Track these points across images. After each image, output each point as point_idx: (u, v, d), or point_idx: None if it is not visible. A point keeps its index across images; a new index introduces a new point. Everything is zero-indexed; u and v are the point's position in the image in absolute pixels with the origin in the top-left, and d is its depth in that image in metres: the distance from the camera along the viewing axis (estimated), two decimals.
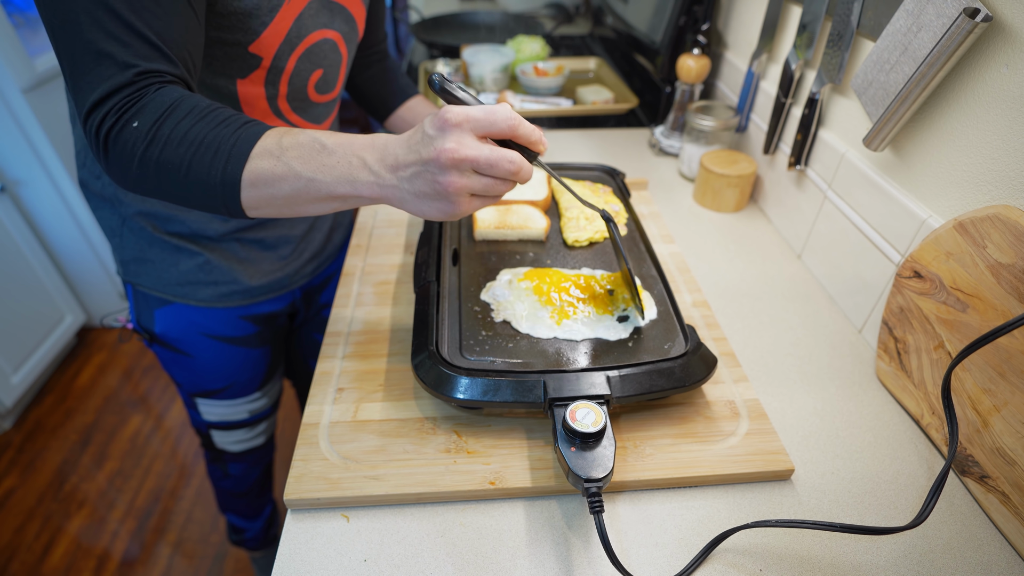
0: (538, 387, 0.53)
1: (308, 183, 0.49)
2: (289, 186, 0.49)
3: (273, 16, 0.63)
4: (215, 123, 0.49)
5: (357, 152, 0.48)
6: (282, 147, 0.49)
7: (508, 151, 0.46)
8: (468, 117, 0.45)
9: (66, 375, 1.98)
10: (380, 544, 0.49)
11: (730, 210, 0.95)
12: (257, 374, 0.97)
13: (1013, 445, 0.48)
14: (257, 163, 0.49)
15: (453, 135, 0.45)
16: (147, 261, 0.79)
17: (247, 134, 0.49)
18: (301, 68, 0.70)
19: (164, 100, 0.49)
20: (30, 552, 1.48)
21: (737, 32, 1.06)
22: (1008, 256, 0.48)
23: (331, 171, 0.48)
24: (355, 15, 0.75)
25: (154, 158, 0.49)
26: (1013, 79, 0.51)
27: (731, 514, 0.52)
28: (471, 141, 0.45)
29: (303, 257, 0.90)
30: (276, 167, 0.48)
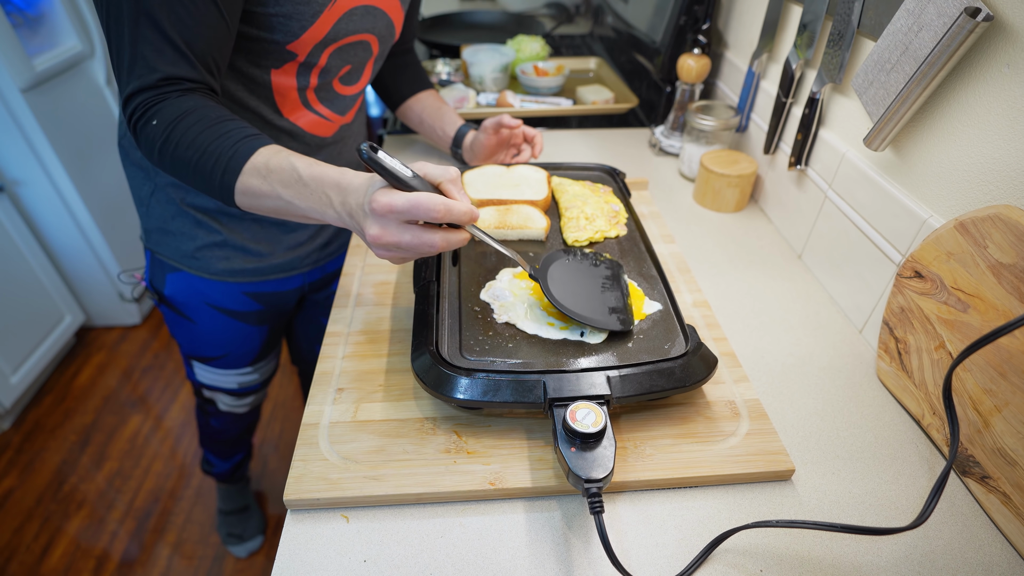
0: (538, 387, 0.53)
1: (288, 204, 0.55)
2: (272, 203, 0.56)
3: (314, 21, 0.67)
4: (218, 134, 0.56)
5: (325, 190, 0.53)
6: (268, 169, 0.55)
7: (429, 235, 0.51)
8: (392, 208, 0.48)
9: (65, 375, 1.98)
10: (380, 544, 0.49)
11: (730, 210, 0.95)
12: (251, 350, 1.03)
13: (1014, 445, 0.48)
14: (247, 179, 0.56)
15: (377, 222, 0.50)
16: (168, 232, 0.84)
17: (243, 149, 0.56)
18: (332, 64, 0.74)
19: (180, 106, 0.57)
20: (29, 552, 1.48)
21: (737, 32, 1.05)
22: (1009, 256, 0.48)
23: (305, 200, 0.54)
24: (394, 20, 0.79)
25: (169, 153, 0.58)
26: (1014, 79, 0.51)
27: (731, 514, 0.52)
28: (394, 228, 0.50)
29: (317, 242, 0.93)
30: (262, 185, 0.55)
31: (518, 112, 1.20)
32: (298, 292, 0.99)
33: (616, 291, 0.63)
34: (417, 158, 1.09)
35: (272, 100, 0.74)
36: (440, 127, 1.00)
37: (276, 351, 1.12)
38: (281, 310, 1.00)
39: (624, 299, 0.62)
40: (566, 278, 0.63)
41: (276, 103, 0.74)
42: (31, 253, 1.81)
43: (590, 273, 0.65)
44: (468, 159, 0.98)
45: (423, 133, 1.04)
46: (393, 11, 0.77)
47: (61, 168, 1.73)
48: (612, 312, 0.60)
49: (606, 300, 0.62)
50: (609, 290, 0.63)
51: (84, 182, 1.81)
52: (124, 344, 2.11)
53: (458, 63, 1.38)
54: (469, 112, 1.20)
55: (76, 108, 1.80)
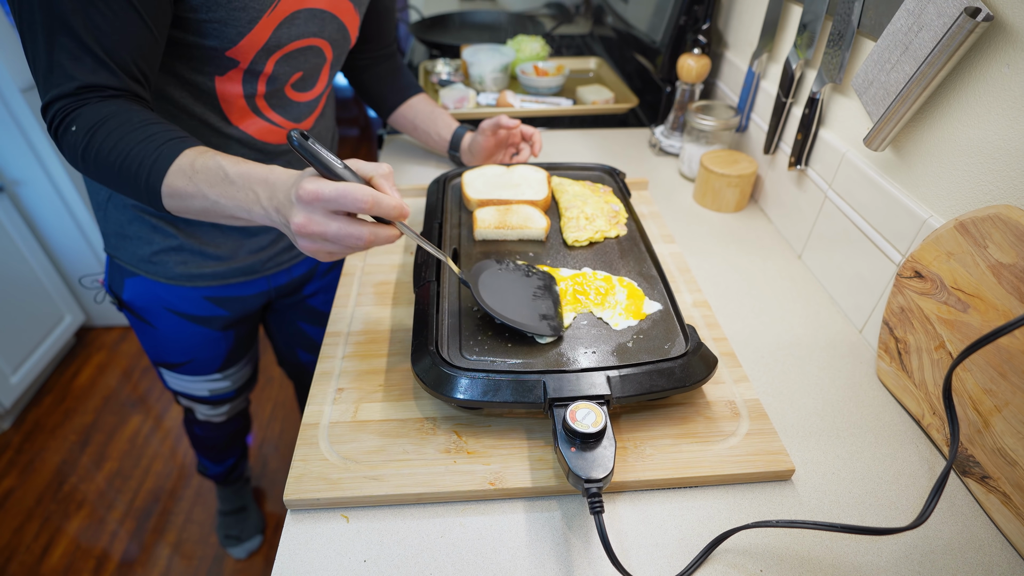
0: (538, 387, 0.53)
1: (214, 204, 0.54)
2: (199, 203, 0.55)
3: (252, 27, 0.65)
4: (142, 138, 0.55)
5: (253, 186, 0.52)
6: (194, 169, 0.54)
7: (356, 228, 0.49)
8: (319, 196, 0.47)
9: (65, 375, 1.98)
10: (380, 544, 0.49)
11: (730, 210, 0.95)
12: (217, 355, 1.00)
13: (1014, 445, 0.48)
14: (173, 180, 0.55)
15: (303, 211, 0.48)
16: (125, 236, 0.83)
17: (166, 152, 0.55)
18: (280, 71, 0.72)
19: (100, 112, 0.56)
20: (29, 552, 1.48)
21: (737, 32, 1.05)
22: (1009, 256, 0.48)
23: (232, 199, 0.53)
24: (347, 24, 0.77)
25: (91, 158, 0.56)
26: (1014, 79, 0.51)
27: (731, 514, 0.52)
28: (319, 217, 0.48)
29: (280, 244, 0.91)
30: (188, 186, 0.54)
31: (518, 112, 1.20)
32: (263, 296, 0.96)
33: (547, 299, 0.63)
34: (415, 161, 1.09)
35: (219, 107, 0.72)
36: (435, 131, 0.99)
37: (248, 358, 1.10)
38: (246, 315, 0.97)
39: (555, 307, 0.62)
40: (498, 285, 0.63)
41: (223, 110, 0.72)
42: (31, 253, 1.81)
43: (522, 283, 0.64)
44: (467, 161, 0.97)
45: (418, 139, 1.04)
46: (344, 13, 0.75)
47: (61, 168, 1.73)
48: (543, 319, 0.60)
49: (537, 307, 0.61)
50: (540, 298, 0.63)
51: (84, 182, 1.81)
52: (124, 344, 2.11)
53: (458, 63, 1.38)
54: (469, 112, 1.20)
55: None
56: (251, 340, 1.08)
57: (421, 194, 0.94)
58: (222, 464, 1.38)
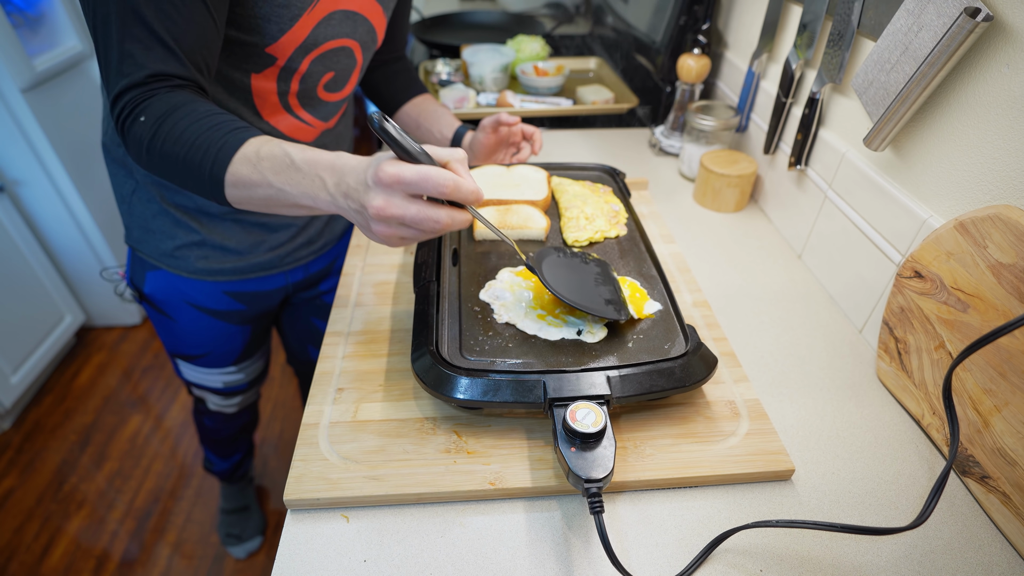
0: (538, 387, 0.53)
1: (279, 192, 0.53)
2: (263, 192, 0.54)
3: (293, 24, 0.66)
4: (208, 127, 0.55)
5: (319, 172, 0.52)
6: (259, 156, 0.53)
7: (434, 211, 0.49)
8: (400, 179, 0.47)
9: (65, 375, 1.98)
10: (380, 544, 0.49)
11: (730, 210, 0.95)
12: (234, 349, 1.02)
13: (1014, 445, 0.48)
14: (237, 168, 0.54)
15: (382, 194, 0.48)
16: (149, 230, 0.84)
17: (232, 140, 0.54)
18: (314, 70, 0.73)
19: (168, 101, 0.56)
20: (29, 552, 1.48)
21: (737, 32, 1.05)
22: (1009, 256, 0.48)
23: (297, 185, 0.52)
24: (376, 26, 0.78)
25: (157, 149, 0.56)
26: (1014, 79, 0.51)
27: (731, 514, 0.52)
28: (399, 200, 0.48)
29: (298, 241, 0.92)
30: (253, 174, 0.53)
31: (518, 112, 1.20)
32: (282, 292, 0.98)
33: (609, 285, 0.63)
34: None
35: (252, 103, 0.73)
36: (437, 129, 1.00)
37: (262, 352, 1.12)
38: (264, 310, 0.99)
39: (617, 293, 0.63)
40: (560, 272, 0.63)
41: (256, 106, 0.74)
42: (31, 253, 1.81)
43: (582, 269, 0.65)
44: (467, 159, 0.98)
45: (420, 137, 1.04)
46: (374, 17, 0.77)
47: (61, 168, 1.73)
48: (608, 303, 0.61)
49: (601, 292, 0.62)
50: (602, 284, 0.63)
51: (84, 182, 1.81)
52: (124, 344, 2.11)
53: (458, 63, 1.38)
54: (469, 112, 1.20)
55: (76, 108, 1.80)
56: (266, 334, 1.10)
57: None
58: (228, 460, 1.39)
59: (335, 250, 1.02)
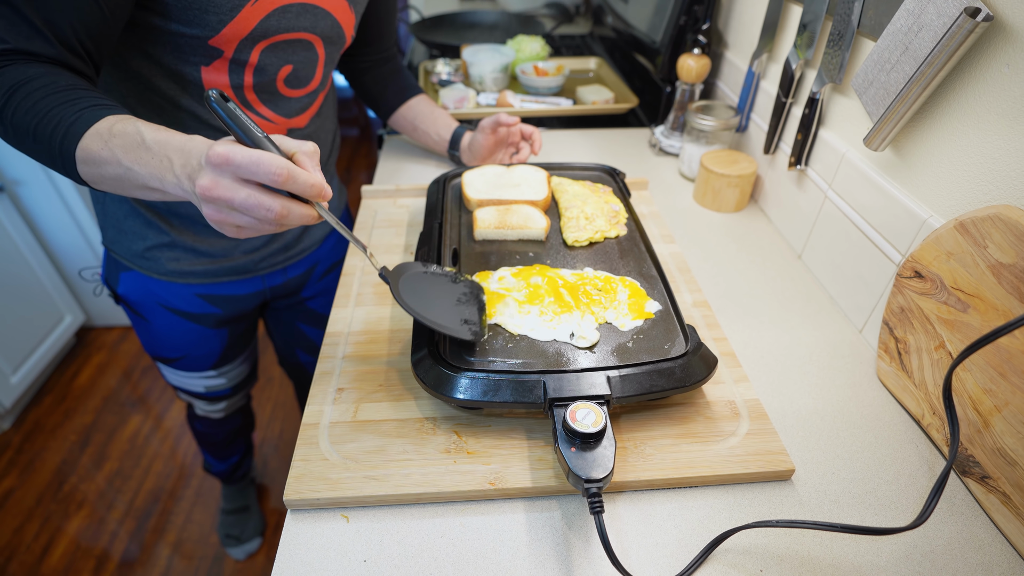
0: (538, 387, 0.53)
1: (127, 171, 0.50)
2: (113, 170, 0.51)
3: (234, 15, 0.64)
4: (64, 100, 0.52)
5: (168, 153, 0.48)
6: (112, 133, 0.51)
7: (267, 198, 0.45)
8: (229, 160, 0.43)
9: (65, 375, 1.98)
10: (380, 544, 0.49)
11: (730, 210, 0.95)
12: (211, 353, 1.00)
13: (1014, 445, 0.48)
14: (88, 143, 0.51)
15: (211, 173, 0.44)
16: (121, 231, 0.83)
17: (87, 116, 0.52)
18: (267, 62, 0.71)
19: (25, 72, 0.53)
20: (29, 552, 1.48)
21: (737, 32, 1.05)
22: (1009, 256, 0.48)
23: (145, 166, 0.49)
24: (341, 21, 0.76)
25: (8, 119, 0.53)
26: (1014, 79, 0.51)
27: (731, 514, 0.52)
28: (228, 182, 0.44)
29: (273, 246, 0.90)
30: (103, 151, 0.51)
31: (518, 112, 1.20)
32: (259, 296, 0.96)
33: (473, 306, 0.61)
34: (415, 161, 1.09)
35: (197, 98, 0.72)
36: (435, 131, 1.00)
37: (245, 357, 1.09)
38: (240, 313, 0.97)
39: (479, 314, 0.60)
40: (422, 288, 0.60)
41: None
42: (31, 253, 1.81)
43: (448, 288, 0.62)
44: (467, 160, 0.98)
45: (417, 139, 1.04)
46: (339, 12, 0.75)
47: None
48: (464, 323, 0.58)
49: (460, 312, 0.59)
50: (465, 304, 0.61)
51: None
52: (124, 344, 2.11)
53: (458, 63, 1.38)
54: (469, 112, 1.20)
55: None
56: (247, 339, 1.07)
57: (421, 194, 0.94)
58: (226, 461, 1.39)
59: (314, 256, 0.99)
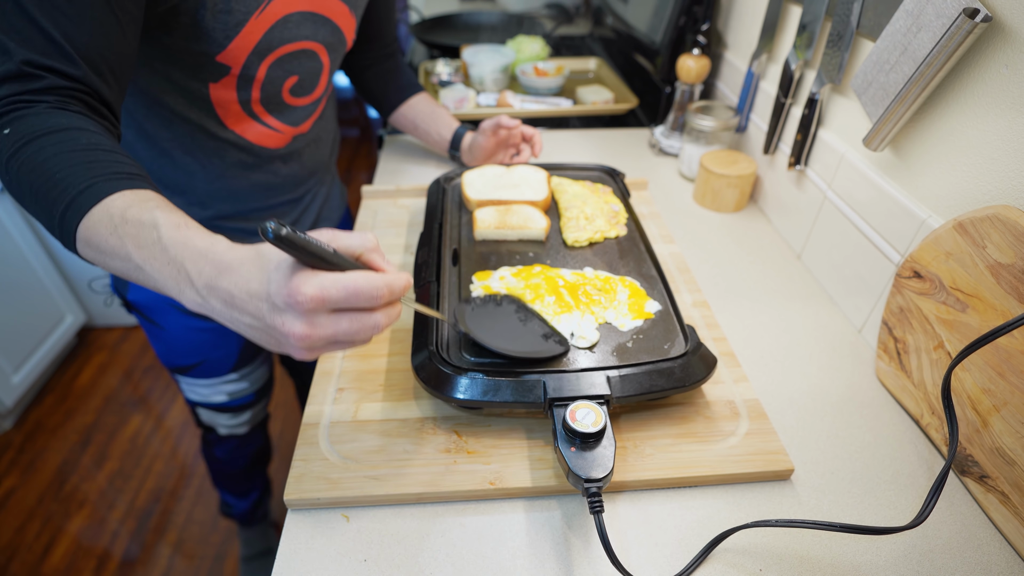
0: (538, 387, 0.53)
1: (137, 269, 0.43)
2: (120, 263, 0.44)
3: (239, 30, 0.63)
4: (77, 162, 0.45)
5: (189, 260, 0.41)
6: (124, 218, 0.43)
7: (369, 318, 0.40)
8: (325, 300, 0.37)
9: (66, 375, 1.98)
10: (380, 544, 0.49)
11: (730, 210, 0.95)
12: (230, 354, 0.97)
13: (1012, 445, 0.48)
14: (94, 223, 0.44)
15: (303, 319, 0.38)
16: None
17: (98, 187, 0.44)
18: (274, 75, 0.71)
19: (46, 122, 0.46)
20: (30, 552, 1.49)
21: (737, 32, 1.06)
22: (1008, 256, 0.48)
23: (159, 269, 0.42)
24: (343, 26, 0.76)
25: (13, 171, 0.46)
26: (1013, 79, 0.51)
27: (731, 514, 0.52)
28: (324, 320, 0.38)
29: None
30: (110, 237, 0.43)
31: (518, 113, 1.20)
32: None
33: (534, 320, 0.60)
34: (415, 161, 1.09)
35: (214, 113, 0.71)
36: (436, 131, 0.99)
37: (263, 358, 1.08)
38: None
39: (546, 323, 0.60)
40: (486, 325, 0.58)
41: (219, 116, 0.71)
42: (32, 253, 1.81)
43: (502, 312, 0.60)
44: (467, 161, 0.98)
45: (418, 138, 1.04)
46: (339, 17, 0.74)
47: None
48: (546, 338, 0.58)
49: (532, 330, 0.59)
50: (528, 320, 0.60)
51: None
52: (125, 344, 2.11)
53: (458, 63, 1.38)
54: (469, 113, 1.20)
55: None
56: None
57: (421, 194, 0.94)
58: (247, 498, 1.31)
59: None
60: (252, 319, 0.40)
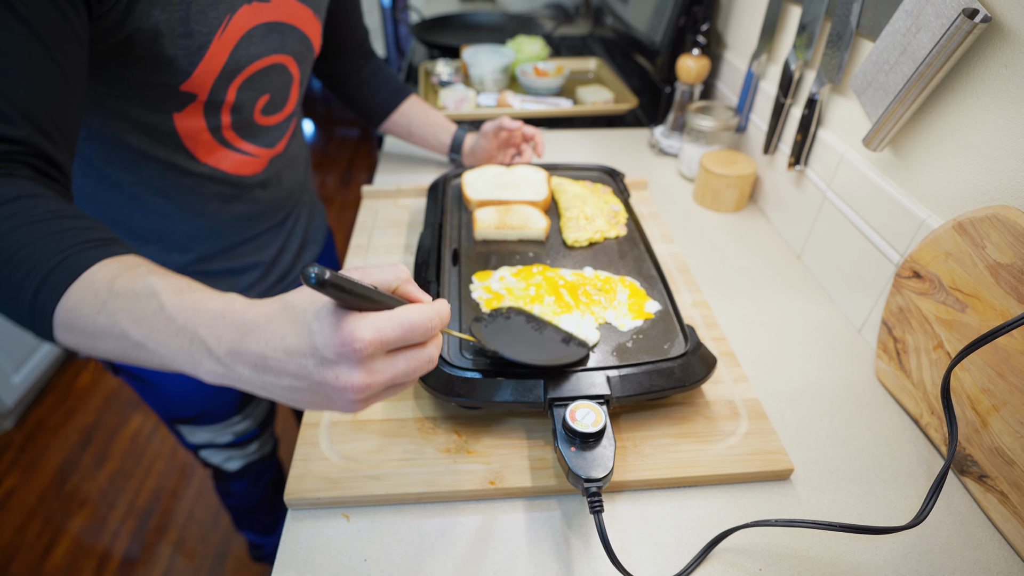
0: (538, 387, 0.53)
1: (136, 347, 0.37)
2: (114, 344, 0.38)
3: (203, 54, 0.57)
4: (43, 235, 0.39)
5: (203, 326, 0.36)
6: (112, 292, 0.37)
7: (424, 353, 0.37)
8: (383, 343, 0.34)
9: (67, 375, 1.98)
10: (380, 544, 0.49)
11: (730, 210, 0.95)
12: (232, 399, 0.91)
13: (1012, 445, 0.48)
14: (75, 305, 0.38)
15: (359, 368, 0.34)
16: None
17: (74, 260, 0.38)
18: (243, 97, 0.65)
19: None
20: (31, 551, 1.49)
21: (737, 32, 1.06)
22: (1007, 256, 0.48)
23: (166, 343, 0.36)
24: (309, 33, 0.71)
25: None
26: (1012, 79, 0.51)
27: (731, 514, 0.52)
28: (382, 364, 0.35)
29: (270, 279, 0.85)
30: (98, 316, 0.37)
31: (518, 113, 1.20)
32: None
33: (548, 327, 0.59)
34: (416, 161, 1.09)
35: (183, 147, 0.64)
36: (433, 136, 0.96)
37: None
38: None
39: (558, 328, 0.59)
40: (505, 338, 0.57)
41: (189, 149, 0.64)
42: None
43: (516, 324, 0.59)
44: (468, 163, 0.97)
45: (415, 144, 1.01)
46: (304, 23, 0.68)
47: None
48: (567, 343, 0.57)
49: (550, 337, 0.58)
50: (541, 328, 0.59)
51: None
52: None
53: (458, 64, 1.38)
54: (469, 113, 1.20)
55: None
56: None
57: (421, 194, 0.94)
58: (275, 533, 1.23)
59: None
60: (293, 379, 0.35)
